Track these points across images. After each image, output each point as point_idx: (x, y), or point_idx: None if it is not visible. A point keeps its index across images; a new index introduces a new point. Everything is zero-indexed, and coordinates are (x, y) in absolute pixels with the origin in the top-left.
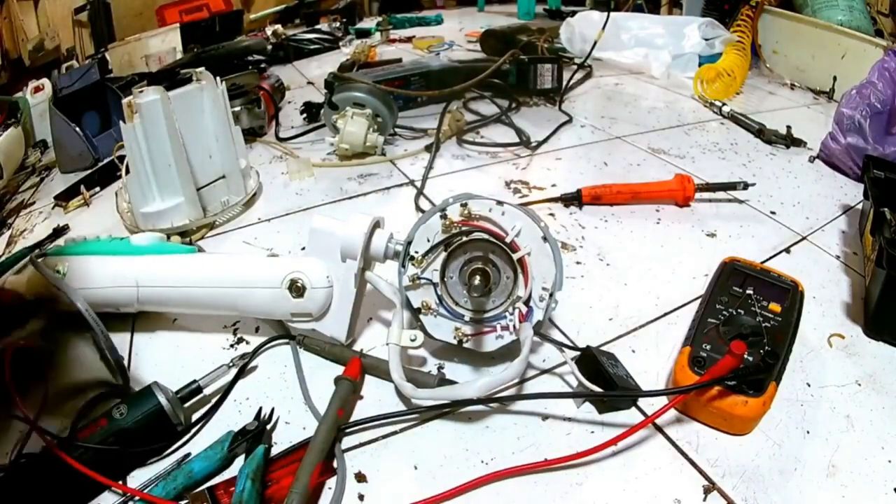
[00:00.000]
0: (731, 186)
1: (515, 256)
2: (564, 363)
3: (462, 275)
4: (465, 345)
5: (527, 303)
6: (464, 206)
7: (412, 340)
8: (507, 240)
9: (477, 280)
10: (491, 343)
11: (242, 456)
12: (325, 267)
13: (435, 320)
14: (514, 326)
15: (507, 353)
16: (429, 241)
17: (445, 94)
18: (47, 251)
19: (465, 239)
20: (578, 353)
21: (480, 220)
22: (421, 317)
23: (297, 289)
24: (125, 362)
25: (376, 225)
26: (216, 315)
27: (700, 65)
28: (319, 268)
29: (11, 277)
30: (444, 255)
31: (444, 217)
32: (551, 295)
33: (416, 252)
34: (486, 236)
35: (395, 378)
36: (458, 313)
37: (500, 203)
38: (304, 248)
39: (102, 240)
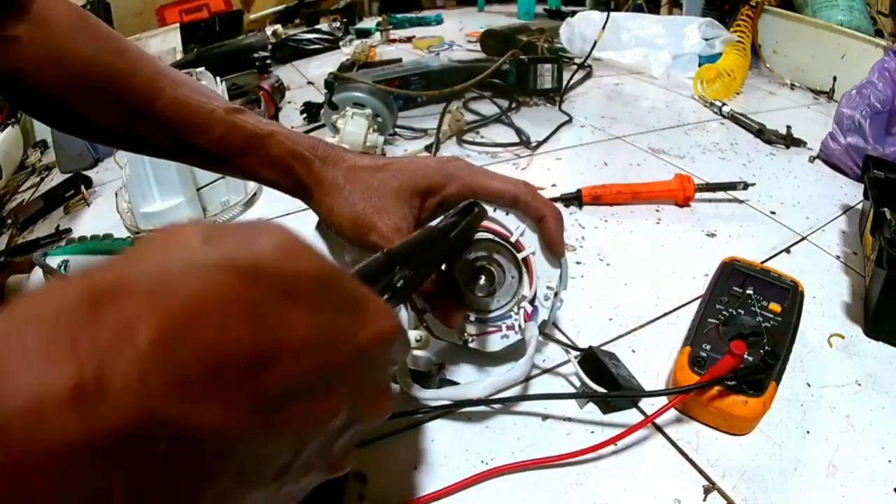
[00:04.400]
0: (731, 186)
1: (520, 256)
2: (566, 363)
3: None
4: (471, 345)
5: (532, 302)
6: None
7: (418, 341)
8: (512, 239)
9: (482, 280)
10: (496, 343)
11: None
12: None
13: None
14: (520, 326)
15: (510, 353)
16: None
17: (445, 94)
18: (49, 251)
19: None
20: (580, 353)
21: (485, 220)
22: (426, 317)
23: None
24: None
25: None
26: None
27: (700, 65)
28: None
29: (14, 277)
30: None
31: None
32: (556, 294)
33: None
34: (490, 236)
35: (401, 379)
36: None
37: None
38: None
39: (106, 240)
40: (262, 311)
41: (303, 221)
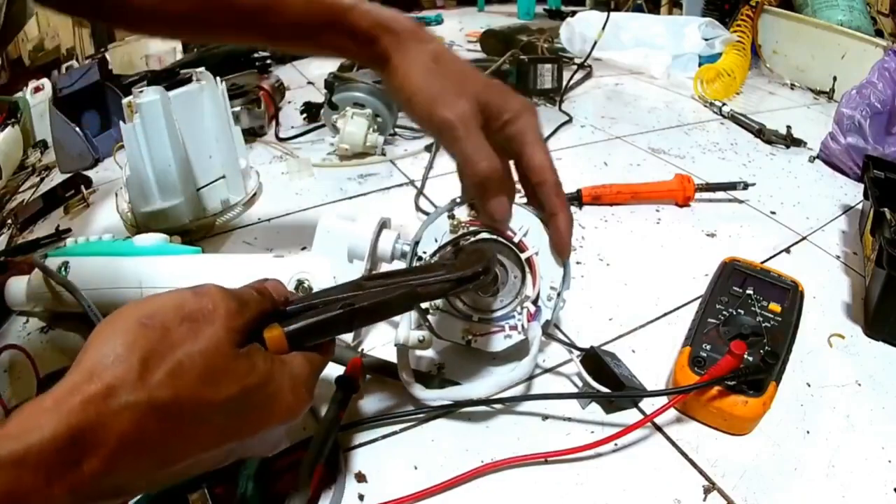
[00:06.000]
0: (731, 186)
1: (523, 256)
2: (567, 362)
3: None
4: (474, 345)
5: (535, 302)
6: (471, 206)
7: (421, 341)
8: (515, 239)
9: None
10: (499, 343)
11: None
12: (332, 267)
13: (443, 320)
14: (523, 326)
15: (513, 352)
16: (436, 241)
17: None
18: (49, 252)
19: (472, 239)
20: (581, 353)
21: None
22: (429, 317)
23: (303, 289)
24: None
25: (383, 225)
26: None
27: (700, 65)
28: (326, 267)
29: (14, 279)
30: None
31: (451, 217)
32: (559, 294)
33: (424, 252)
34: (493, 236)
35: (403, 378)
36: (467, 313)
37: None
38: (304, 248)
39: (105, 241)
40: (170, 444)
41: (303, 221)
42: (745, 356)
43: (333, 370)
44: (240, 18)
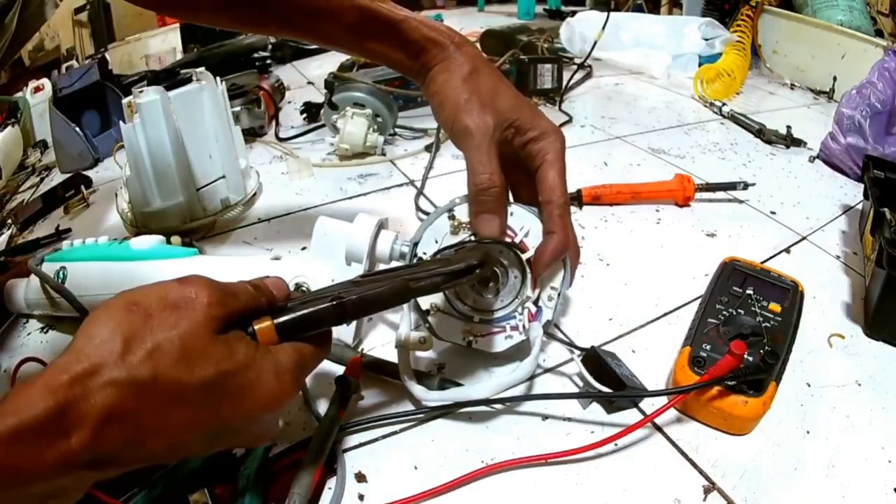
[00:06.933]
0: (731, 186)
1: (524, 257)
2: (567, 362)
3: None
4: (475, 346)
5: (536, 303)
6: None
7: (421, 342)
8: (516, 240)
9: (487, 281)
10: (500, 343)
11: (242, 456)
12: (330, 270)
13: (443, 321)
14: (524, 327)
15: (514, 352)
16: (436, 241)
17: None
18: (45, 257)
19: (473, 240)
20: (582, 352)
21: None
22: (429, 318)
23: (301, 292)
24: None
25: (381, 226)
26: None
27: (700, 65)
28: (324, 271)
29: (13, 281)
30: None
31: (452, 218)
32: (559, 295)
33: (424, 253)
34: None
35: (405, 380)
36: (467, 314)
37: (508, 203)
38: (304, 248)
39: (101, 244)
40: (149, 419)
41: (303, 221)
42: (745, 356)
43: (333, 370)
44: (292, 15)
